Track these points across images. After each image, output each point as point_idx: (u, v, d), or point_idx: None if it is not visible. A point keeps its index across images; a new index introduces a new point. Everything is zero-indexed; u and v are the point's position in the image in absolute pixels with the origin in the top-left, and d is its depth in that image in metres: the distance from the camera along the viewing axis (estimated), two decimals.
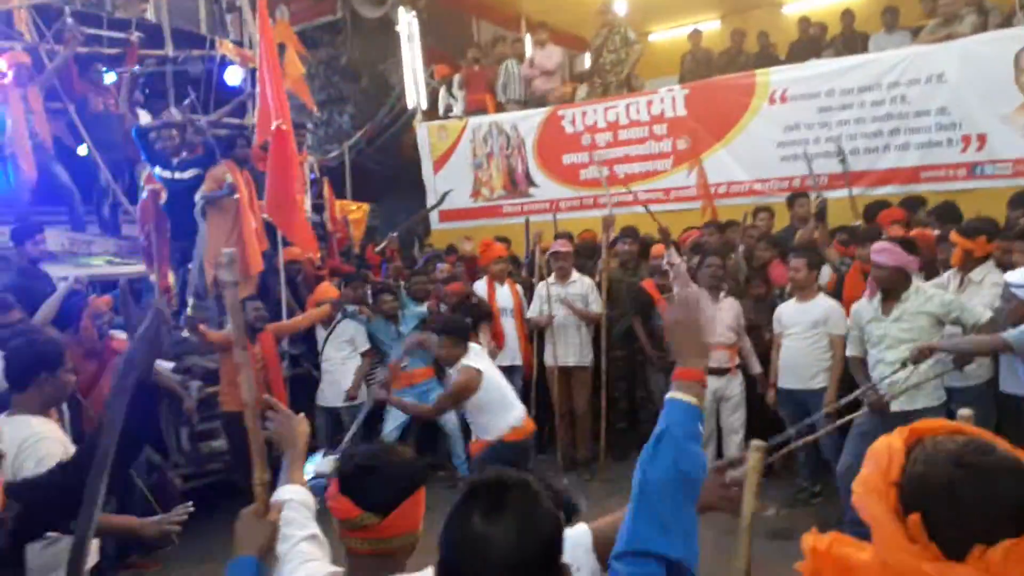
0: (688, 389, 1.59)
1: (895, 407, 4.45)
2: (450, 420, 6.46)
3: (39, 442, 2.83)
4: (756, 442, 2.19)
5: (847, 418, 4.56)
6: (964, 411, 2.08)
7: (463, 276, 7.39)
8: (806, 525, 4.47)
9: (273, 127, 5.62)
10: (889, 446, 1.29)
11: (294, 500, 2.05)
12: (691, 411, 1.55)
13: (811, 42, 9.89)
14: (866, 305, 4.80)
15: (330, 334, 6.48)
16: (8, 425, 2.87)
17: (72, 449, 2.88)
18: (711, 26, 12.06)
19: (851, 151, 7.70)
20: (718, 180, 8.45)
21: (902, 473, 1.24)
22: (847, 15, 9.55)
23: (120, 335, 5.38)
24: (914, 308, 4.50)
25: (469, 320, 6.68)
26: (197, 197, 6.51)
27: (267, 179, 5.91)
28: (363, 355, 6.51)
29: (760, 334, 5.97)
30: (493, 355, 6.73)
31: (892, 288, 4.57)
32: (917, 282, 4.66)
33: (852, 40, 9.30)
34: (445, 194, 9.55)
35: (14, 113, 6.74)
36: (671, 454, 1.48)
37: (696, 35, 10.95)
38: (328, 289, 6.60)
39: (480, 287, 7.02)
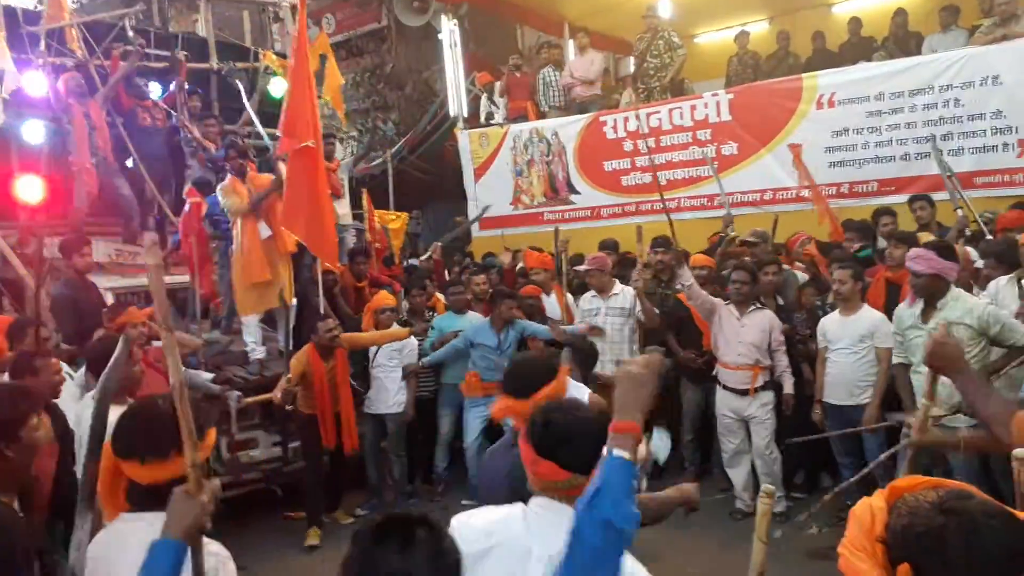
0: (623, 443, 1.61)
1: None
2: (471, 436, 6.42)
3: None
4: (767, 486, 2.15)
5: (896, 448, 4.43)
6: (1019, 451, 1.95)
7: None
8: None
9: (304, 145, 5.66)
10: (871, 506, 1.33)
11: None
12: (626, 467, 1.58)
13: (862, 43, 9.62)
14: (907, 311, 4.69)
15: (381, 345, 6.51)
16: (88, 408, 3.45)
17: None
18: (759, 27, 11.85)
19: (902, 156, 7.50)
20: (763, 186, 8.29)
21: (886, 528, 1.28)
22: (900, 14, 9.26)
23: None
24: (952, 317, 4.34)
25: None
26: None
27: (285, 193, 5.94)
28: (407, 369, 6.45)
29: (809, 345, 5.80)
30: None
31: (930, 296, 4.47)
32: (956, 291, 4.51)
33: (905, 41, 9.01)
34: (485, 208, 9.52)
35: (78, 130, 6.93)
36: (607, 512, 1.51)
37: (743, 37, 10.77)
38: (385, 297, 6.62)
39: None
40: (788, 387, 5.68)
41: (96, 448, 2.47)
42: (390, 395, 6.43)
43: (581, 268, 6.56)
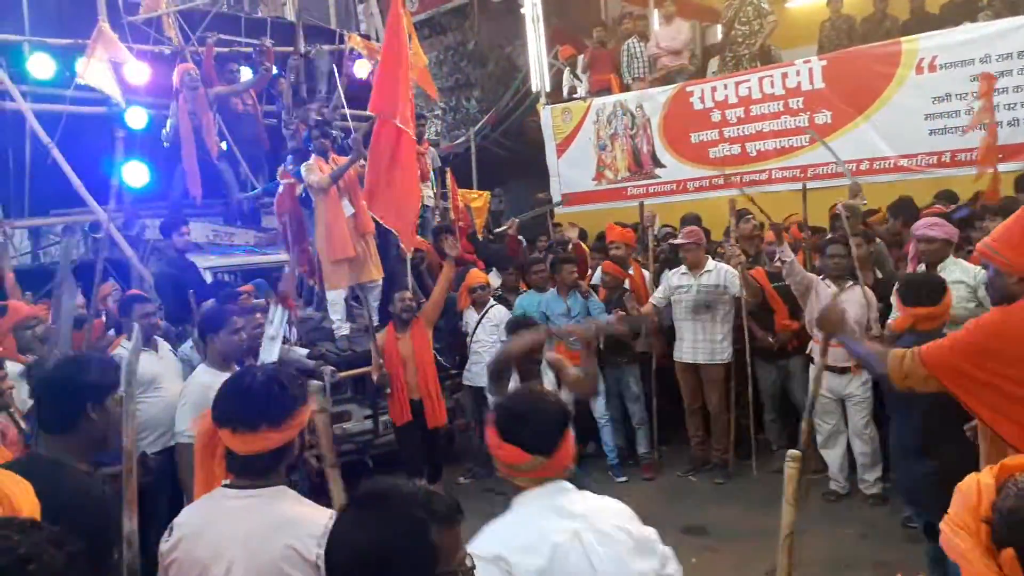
0: None
1: None
2: (599, 408, 6.47)
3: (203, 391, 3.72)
4: (792, 451, 2.20)
5: None
6: None
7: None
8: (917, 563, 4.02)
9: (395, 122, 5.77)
10: (979, 482, 1.27)
11: None
12: None
13: (966, 3, 9.07)
14: None
15: (482, 318, 6.66)
16: (205, 374, 4.05)
17: None
18: None
19: (1009, 122, 7.09)
20: (860, 156, 7.97)
21: (993, 509, 1.23)
22: None
23: None
24: (953, 279, 4.55)
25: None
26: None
27: (368, 170, 6.07)
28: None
29: None
30: None
31: (938, 261, 4.85)
32: (952, 257, 4.89)
33: None
34: (558, 203, 9.47)
35: (184, 130, 7.21)
36: None
37: (836, 0, 10.29)
38: (478, 275, 6.80)
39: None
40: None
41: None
42: None
43: (677, 241, 6.43)
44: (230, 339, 4.13)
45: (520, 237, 8.66)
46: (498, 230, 8.83)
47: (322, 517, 1.97)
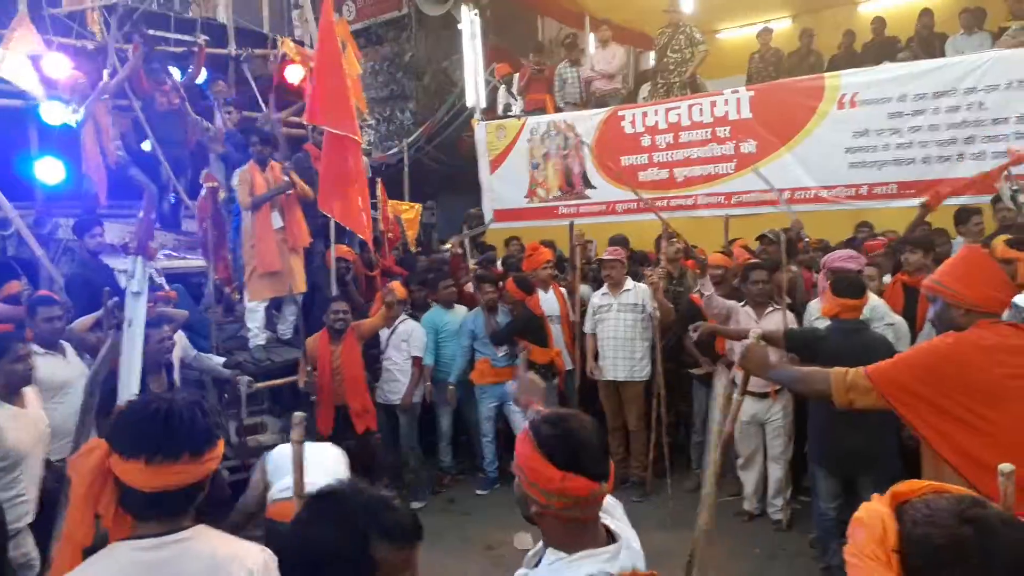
0: None
1: None
2: (485, 423, 6.53)
3: None
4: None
5: None
6: (1004, 466, 1.95)
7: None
8: None
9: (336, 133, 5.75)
10: (877, 512, 1.24)
11: None
12: None
13: (886, 43, 9.50)
14: (817, 305, 5.20)
15: (391, 334, 6.51)
16: None
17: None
18: (782, 24, 11.76)
19: (923, 159, 7.41)
20: (782, 186, 8.19)
21: (900, 538, 1.20)
22: (926, 15, 9.13)
23: None
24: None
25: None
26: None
27: (320, 175, 6.01)
28: (415, 361, 6.52)
29: None
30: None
31: None
32: None
33: (930, 42, 8.88)
34: (491, 221, 9.48)
35: (87, 139, 6.90)
36: None
37: (766, 34, 10.65)
38: (397, 288, 6.66)
39: None
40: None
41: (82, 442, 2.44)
42: (400, 386, 6.46)
43: (606, 257, 6.48)
44: (13, 368, 3.72)
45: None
46: (446, 244, 8.79)
47: (255, 549, 1.85)
